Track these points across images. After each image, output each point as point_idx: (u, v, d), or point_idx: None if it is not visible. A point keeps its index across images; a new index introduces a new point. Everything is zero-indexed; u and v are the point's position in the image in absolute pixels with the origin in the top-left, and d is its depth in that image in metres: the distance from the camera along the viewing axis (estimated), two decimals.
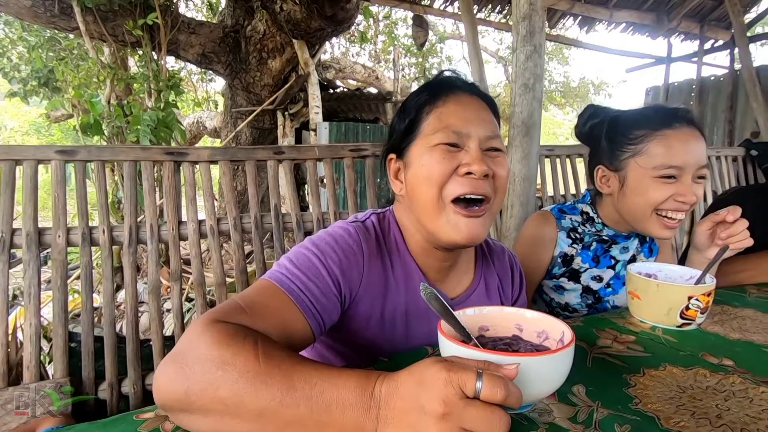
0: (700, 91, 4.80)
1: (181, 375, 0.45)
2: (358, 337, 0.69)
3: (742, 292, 0.95)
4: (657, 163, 0.85)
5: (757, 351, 0.65)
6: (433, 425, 0.37)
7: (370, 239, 0.68)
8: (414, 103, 0.68)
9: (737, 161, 2.58)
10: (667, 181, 0.85)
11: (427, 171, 0.63)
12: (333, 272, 0.62)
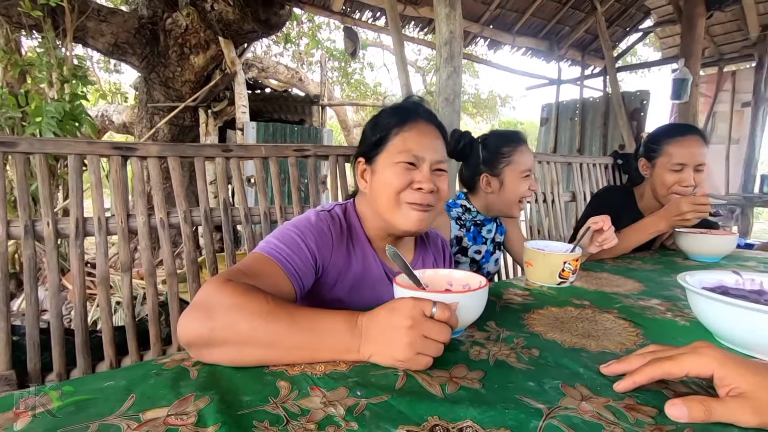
0: (582, 109, 5.65)
1: (207, 317, 0.59)
2: (330, 300, 0.87)
3: (602, 262, 1.30)
4: (522, 169, 1.34)
5: (605, 296, 0.95)
6: (404, 334, 0.56)
7: (335, 225, 0.88)
8: (386, 123, 0.88)
9: (608, 168, 3.17)
10: (527, 179, 1.35)
11: (389, 180, 0.85)
12: (311, 247, 0.80)
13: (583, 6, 5.11)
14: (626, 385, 0.53)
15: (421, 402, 0.50)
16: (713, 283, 0.79)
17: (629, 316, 0.82)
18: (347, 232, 0.90)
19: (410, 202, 0.85)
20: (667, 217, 1.32)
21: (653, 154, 1.48)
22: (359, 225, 0.93)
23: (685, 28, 3.79)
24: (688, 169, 1.40)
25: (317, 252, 0.81)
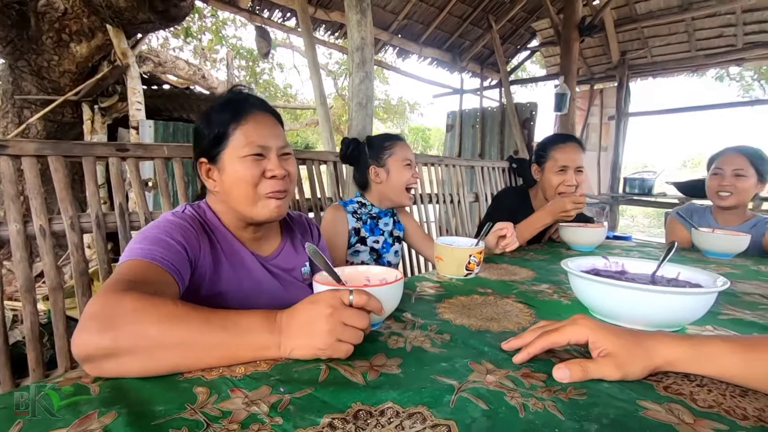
0: (482, 117, 6.15)
1: (108, 326, 0.55)
2: (211, 295, 0.85)
3: (503, 255, 1.44)
4: (403, 158, 1.50)
5: (505, 284, 1.06)
6: (324, 321, 0.58)
7: (194, 221, 0.86)
8: (220, 119, 0.86)
9: (505, 171, 3.49)
10: (408, 167, 1.50)
11: (241, 175, 0.85)
12: (179, 241, 0.78)
13: (481, 23, 5.57)
14: (522, 357, 0.60)
15: (344, 391, 0.52)
16: (588, 266, 0.93)
17: (524, 300, 0.92)
18: (208, 228, 0.89)
19: (268, 193, 0.87)
20: (552, 212, 1.51)
21: (542, 160, 1.70)
22: (218, 220, 0.92)
23: (563, 49, 4.34)
24: (570, 171, 1.63)
25: (186, 245, 0.79)
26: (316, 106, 4.01)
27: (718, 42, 5.14)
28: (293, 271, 1.01)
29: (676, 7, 4.95)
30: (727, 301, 0.95)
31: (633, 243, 1.91)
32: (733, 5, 4.62)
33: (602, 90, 6.08)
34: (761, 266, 1.39)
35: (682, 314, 0.73)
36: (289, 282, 0.98)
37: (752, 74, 8.35)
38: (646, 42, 5.50)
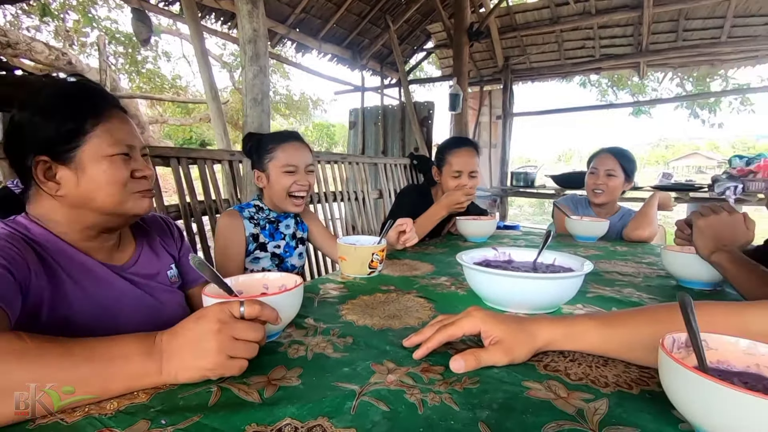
0: (384, 115, 6.29)
1: None
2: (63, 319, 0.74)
3: (404, 250, 1.48)
4: (282, 164, 1.40)
5: (407, 279, 1.09)
6: (213, 338, 0.53)
7: (15, 240, 0.70)
8: (71, 112, 0.75)
9: (407, 168, 3.61)
10: (290, 174, 1.39)
11: (111, 176, 0.77)
12: (1, 263, 0.64)
13: (379, 22, 5.68)
14: (422, 353, 0.62)
15: (237, 413, 0.48)
16: (480, 258, 1.00)
17: (425, 294, 0.96)
18: (37, 246, 0.74)
19: (139, 191, 0.82)
20: (447, 205, 1.63)
21: (441, 163, 1.80)
22: (50, 235, 0.77)
23: (455, 52, 4.64)
24: (464, 175, 1.74)
25: (11, 267, 0.65)
26: (207, 101, 3.73)
27: (580, 53, 5.91)
28: (158, 276, 0.93)
29: (548, 20, 5.58)
30: (592, 280, 1.10)
31: (520, 232, 2.10)
32: (591, 21, 5.35)
33: (491, 91, 6.61)
34: (617, 247, 1.63)
35: (558, 296, 0.82)
36: (154, 288, 0.90)
37: (607, 81, 9.79)
38: (525, 49, 6.10)
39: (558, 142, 34.49)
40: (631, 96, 9.19)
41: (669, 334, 0.50)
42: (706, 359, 0.47)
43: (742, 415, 0.38)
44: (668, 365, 0.44)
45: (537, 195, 5.62)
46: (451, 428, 0.46)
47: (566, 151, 32.82)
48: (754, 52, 5.01)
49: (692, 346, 0.48)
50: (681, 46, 5.19)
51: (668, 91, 8.27)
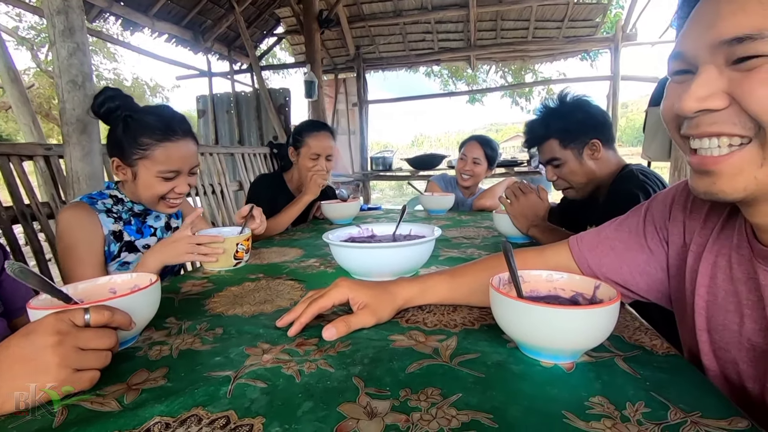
0: (237, 102, 5.93)
1: None
2: None
3: (272, 239, 1.45)
4: (160, 168, 1.11)
5: (276, 266, 1.08)
6: (51, 352, 0.46)
7: None
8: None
9: (267, 157, 3.49)
10: (167, 182, 1.13)
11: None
12: None
13: (222, 2, 5.27)
14: (295, 329, 0.64)
15: (92, 427, 0.43)
16: (345, 236, 1.05)
17: (295, 276, 0.97)
18: None
19: None
20: (308, 190, 1.69)
21: (298, 144, 1.79)
22: None
23: (307, 39, 4.60)
24: (321, 159, 1.77)
25: None
26: (4, 85, 3.00)
27: (422, 45, 6.44)
28: None
29: (392, 12, 5.92)
30: (442, 245, 1.25)
31: (382, 211, 2.24)
32: (429, 16, 5.86)
33: (345, 79, 6.76)
34: (463, 216, 1.88)
35: (415, 261, 0.92)
36: None
37: (447, 72, 10.88)
38: (374, 39, 6.38)
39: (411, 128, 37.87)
40: (467, 86, 10.40)
41: (496, 275, 0.61)
42: (522, 289, 0.60)
43: (545, 323, 0.50)
44: (495, 297, 0.55)
45: (395, 177, 6.01)
46: (327, 387, 0.49)
47: (419, 135, 35.64)
48: (551, 51, 6.15)
49: (512, 282, 0.60)
50: (500, 43, 6.07)
51: (495, 81, 9.59)
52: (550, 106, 1.33)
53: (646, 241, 0.66)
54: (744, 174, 0.44)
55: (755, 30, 0.40)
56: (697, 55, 0.45)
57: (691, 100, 0.44)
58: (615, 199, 1.18)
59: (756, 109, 0.41)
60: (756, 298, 0.51)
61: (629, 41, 5.69)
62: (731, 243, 0.55)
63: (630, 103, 13.53)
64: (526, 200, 1.25)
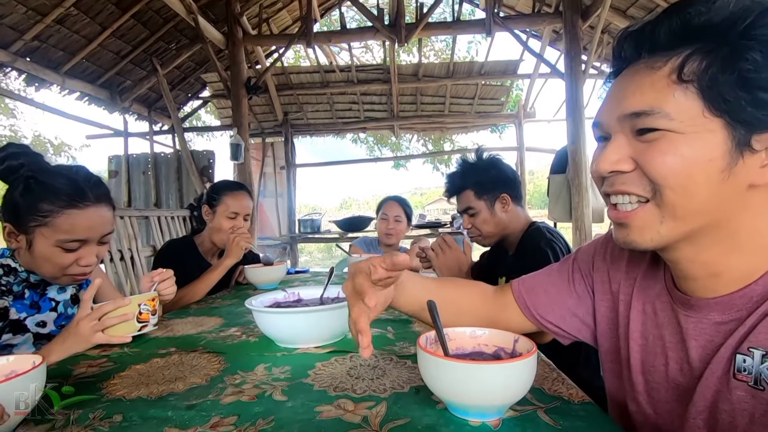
0: (155, 163, 5.65)
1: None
2: None
3: (188, 308, 1.34)
4: (61, 237, 0.95)
5: (191, 337, 0.99)
6: None
7: None
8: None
9: (186, 220, 3.31)
10: (70, 251, 0.97)
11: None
12: None
13: (145, 64, 5.18)
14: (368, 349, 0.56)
15: None
16: (270, 302, 1.01)
17: (213, 348, 0.89)
18: None
19: None
20: (230, 253, 1.60)
21: (214, 203, 1.71)
22: None
23: (234, 104, 4.63)
24: (239, 217, 1.72)
25: None
26: None
27: (349, 114, 6.79)
28: None
29: (319, 83, 6.23)
30: None
31: (309, 275, 2.19)
32: (355, 89, 6.25)
33: (273, 143, 6.81)
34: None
35: (345, 324, 0.90)
36: None
37: (373, 139, 11.48)
38: (302, 107, 6.60)
39: (339, 191, 38.89)
40: (391, 152, 11.00)
41: (423, 334, 0.62)
42: (448, 348, 0.61)
43: (470, 379, 0.51)
44: (423, 357, 0.55)
45: (323, 240, 5.97)
46: None
47: (347, 198, 36.31)
48: (465, 124, 6.82)
49: (439, 340, 0.61)
50: (421, 115, 6.61)
51: (417, 149, 10.27)
52: (468, 161, 1.47)
53: (574, 287, 0.73)
54: (649, 228, 0.52)
55: (649, 107, 0.49)
56: (610, 125, 0.54)
57: (605, 162, 0.53)
58: (524, 253, 1.30)
59: (654, 175, 0.49)
60: (677, 340, 0.57)
61: (529, 118, 6.52)
62: (654, 291, 0.62)
63: (536, 170, 15.51)
64: (451, 253, 1.31)
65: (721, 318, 0.52)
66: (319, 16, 5.82)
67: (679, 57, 0.48)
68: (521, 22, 4.72)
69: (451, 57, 6.23)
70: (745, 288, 0.50)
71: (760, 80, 0.44)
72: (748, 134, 0.47)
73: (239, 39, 4.53)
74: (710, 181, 0.48)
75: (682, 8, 0.48)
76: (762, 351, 0.47)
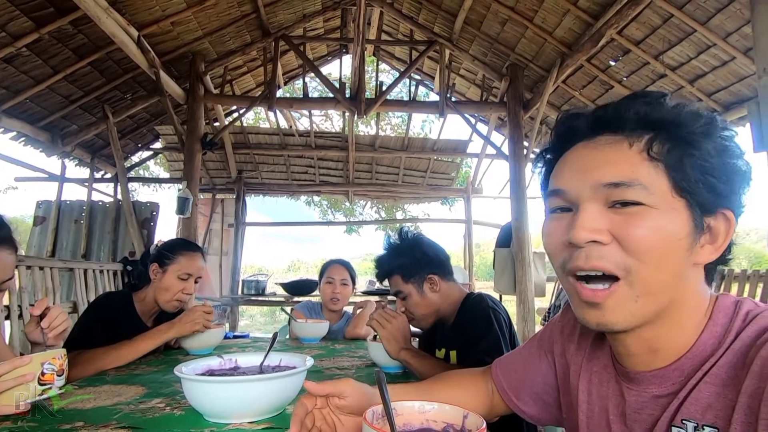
0: (91, 212, 5.28)
1: None
2: None
3: (104, 374, 1.18)
4: None
5: (103, 410, 0.86)
6: None
7: None
8: None
9: (117, 274, 3.05)
10: None
11: None
12: None
13: (95, 111, 5.03)
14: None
15: None
16: (202, 369, 0.92)
17: (129, 423, 0.78)
18: None
19: None
20: (180, 324, 1.44)
21: (167, 261, 1.58)
22: None
23: (186, 157, 4.54)
24: (191, 279, 1.60)
25: None
26: None
27: (305, 176, 6.86)
28: None
29: (277, 145, 6.32)
30: (315, 377, 1.16)
31: (250, 339, 2.05)
32: (312, 153, 6.39)
33: (223, 200, 6.65)
34: (336, 345, 1.81)
35: (285, 395, 0.83)
36: None
37: (327, 203, 11.56)
38: (257, 166, 6.60)
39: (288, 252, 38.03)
40: (344, 217, 11.09)
41: (369, 408, 0.58)
42: (395, 424, 0.57)
43: None
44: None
45: (268, 303, 5.69)
46: None
47: (295, 260, 35.45)
48: (417, 195, 7.09)
49: (386, 416, 0.58)
50: (375, 183, 6.81)
51: (370, 215, 10.43)
52: (392, 243, 1.45)
53: (540, 364, 0.73)
54: (622, 308, 0.50)
55: (628, 178, 0.49)
56: (579, 194, 0.52)
57: (583, 230, 0.50)
58: (466, 320, 1.29)
59: (636, 248, 0.48)
60: (619, 413, 0.57)
61: (477, 193, 6.92)
62: (601, 363, 0.63)
63: (482, 243, 16.02)
64: (396, 323, 1.27)
65: (659, 391, 0.53)
66: (283, 83, 6.07)
67: (643, 137, 0.51)
68: (470, 108, 5.18)
69: (406, 132, 6.63)
70: (677, 361, 0.52)
71: (711, 168, 0.49)
72: (702, 216, 0.50)
73: (200, 96, 4.58)
74: (679, 258, 0.49)
75: (642, 97, 0.53)
76: (694, 423, 0.48)
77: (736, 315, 0.51)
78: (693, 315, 0.53)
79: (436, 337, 1.46)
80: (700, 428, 0.48)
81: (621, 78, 4.25)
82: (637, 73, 4.06)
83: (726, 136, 0.51)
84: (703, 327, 0.52)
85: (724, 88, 3.67)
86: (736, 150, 0.51)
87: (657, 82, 4.00)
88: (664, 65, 3.76)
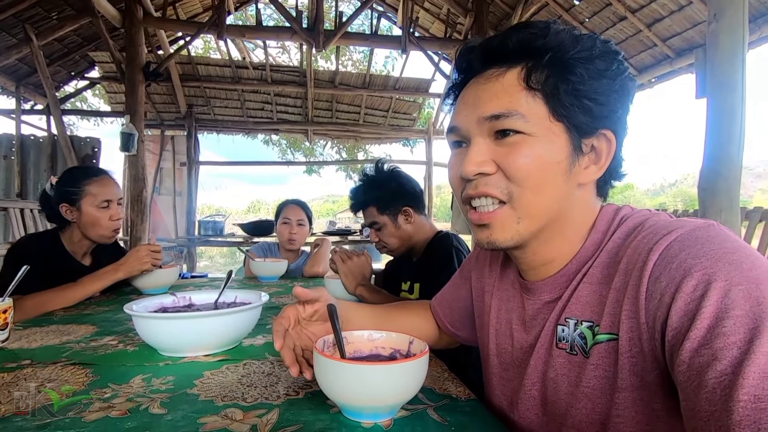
0: (22, 147, 4.84)
1: None
2: None
3: (51, 315, 1.15)
4: None
5: (51, 348, 0.85)
6: None
7: None
8: None
9: None
10: None
11: None
12: None
13: (15, 31, 4.44)
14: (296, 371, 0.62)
15: None
16: (155, 306, 0.91)
17: (79, 359, 0.78)
18: None
19: None
20: (127, 264, 1.38)
21: (74, 197, 1.44)
22: None
23: (128, 89, 4.17)
24: (113, 204, 1.50)
25: None
26: None
27: (261, 114, 6.54)
28: None
29: (230, 78, 5.91)
30: (271, 313, 1.19)
31: (206, 279, 2.04)
32: (268, 88, 6.04)
33: (173, 137, 6.27)
34: (296, 282, 1.84)
35: (239, 330, 0.85)
36: None
37: (286, 142, 11.17)
38: (209, 101, 6.19)
39: (248, 193, 37.02)
40: (304, 157, 10.83)
41: (320, 338, 0.61)
42: (345, 351, 0.60)
43: (364, 381, 0.51)
44: (318, 360, 0.54)
45: (226, 243, 5.62)
46: None
47: (255, 201, 34.74)
48: (379, 135, 6.98)
49: (336, 344, 0.61)
50: (336, 122, 6.62)
51: (330, 156, 10.24)
52: (369, 175, 1.49)
53: (462, 291, 0.81)
54: (507, 227, 0.56)
55: (506, 109, 0.53)
56: (469, 128, 0.56)
57: (471, 164, 0.55)
58: (430, 258, 1.36)
59: (516, 175, 0.53)
60: (520, 321, 0.64)
61: (438, 135, 6.91)
62: (509, 282, 0.69)
63: (443, 185, 16.39)
64: (355, 261, 1.32)
65: (549, 297, 0.60)
66: (234, 8, 5.55)
67: (524, 68, 0.54)
68: (434, 44, 5.01)
69: (368, 69, 6.36)
70: (563, 268, 0.58)
71: (587, 91, 0.52)
72: (580, 138, 0.54)
73: (139, 19, 4.12)
74: (558, 181, 0.54)
75: (525, 28, 0.55)
76: (575, 320, 0.55)
77: (613, 221, 0.57)
78: (580, 228, 0.58)
79: (403, 270, 1.53)
80: (579, 323, 0.54)
81: (583, 19, 4.21)
82: (600, 14, 4.04)
83: (607, 58, 0.53)
84: (587, 236, 0.58)
85: (679, 33, 3.74)
86: (616, 70, 0.54)
87: (617, 24, 4.00)
88: (625, 6, 3.75)
